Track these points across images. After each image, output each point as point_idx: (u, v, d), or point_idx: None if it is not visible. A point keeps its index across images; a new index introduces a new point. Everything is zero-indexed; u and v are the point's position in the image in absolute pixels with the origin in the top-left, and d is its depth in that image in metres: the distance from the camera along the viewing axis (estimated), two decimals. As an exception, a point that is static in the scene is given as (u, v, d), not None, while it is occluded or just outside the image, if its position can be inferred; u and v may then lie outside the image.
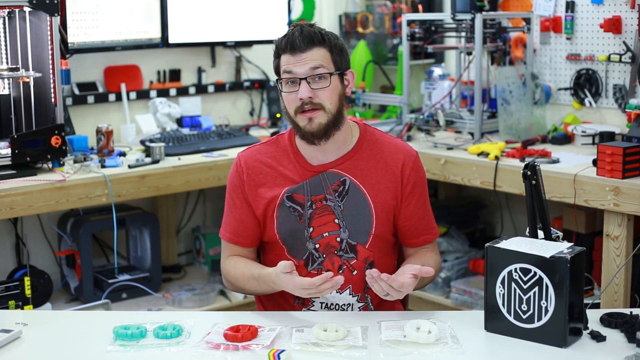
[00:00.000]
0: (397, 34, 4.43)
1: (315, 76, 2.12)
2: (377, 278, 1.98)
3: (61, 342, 1.97)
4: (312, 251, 2.21)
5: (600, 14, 3.61)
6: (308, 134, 2.14)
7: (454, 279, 3.86)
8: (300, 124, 2.15)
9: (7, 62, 3.29)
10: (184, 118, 4.10)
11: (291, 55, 2.12)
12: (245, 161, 2.26)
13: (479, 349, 1.91)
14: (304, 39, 2.11)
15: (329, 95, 2.13)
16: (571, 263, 1.83)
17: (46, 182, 3.11)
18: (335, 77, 2.15)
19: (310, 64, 2.11)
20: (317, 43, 2.12)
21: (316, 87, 2.12)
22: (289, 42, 2.12)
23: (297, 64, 2.11)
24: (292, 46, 2.11)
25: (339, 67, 2.16)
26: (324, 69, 2.12)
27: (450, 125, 3.66)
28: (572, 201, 3.00)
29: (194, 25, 4.09)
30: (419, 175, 2.26)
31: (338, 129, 2.18)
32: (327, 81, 2.13)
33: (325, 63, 2.13)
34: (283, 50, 2.14)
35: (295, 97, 2.13)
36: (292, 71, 2.12)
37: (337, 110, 2.16)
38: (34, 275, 3.35)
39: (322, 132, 2.14)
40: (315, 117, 2.12)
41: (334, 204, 2.20)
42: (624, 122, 3.46)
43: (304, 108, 2.12)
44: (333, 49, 2.15)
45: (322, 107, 2.13)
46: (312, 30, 2.13)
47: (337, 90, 2.16)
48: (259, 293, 2.24)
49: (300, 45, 2.11)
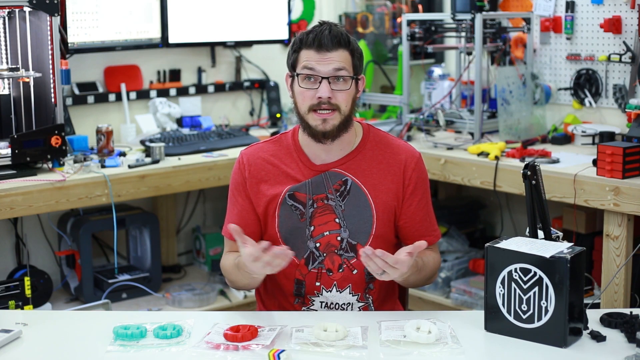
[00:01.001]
0: (397, 34, 4.43)
1: (336, 77, 2.12)
2: (372, 255, 1.94)
3: (61, 342, 1.97)
4: (312, 250, 2.21)
5: (600, 14, 3.61)
6: (319, 133, 2.14)
7: (454, 279, 3.86)
8: (311, 122, 2.14)
9: (7, 62, 3.29)
10: (184, 118, 4.09)
11: (316, 52, 2.11)
12: (248, 158, 2.27)
13: (479, 349, 1.91)
14: (332, 39, 2.10)
15: (346, 98, 2.14)
16: (571, 263, 1.83)
17: (46, 182, 3.11)
18: (353, 81, 2.16)
19: (334, 64, 2.11)
20: (343, 45, 2.12)
21: (336, 88, 2.12)
22: (317, 38, 2.11)
23: (322, 62, 2.11)
24: (319, 43, 2.10)
25: (357, 71, 2.17)
26: (346, 71, 2.12)
27: (450, 125, 3.66)
28: (572, 201, 3.00)
29: (194, 25, 4.09)
30: (421, 176, 2.26)
31: (346, 131, 2.19)
32: (347, 84, 2.13)
33: (347, 66, 2.13)
34: (308, 46, 2.12)
35: (312, 94, 2.12)
36: (314, 68, 2.11)
37: (349, 113, 2.17)
38: (34, 275, 3.35)
39: (334, 133, 2.15)
40: (330, 118, 2.13)
41: (335, 204, 2.20)
42: (624, 122, 3.46)
43: (320, 107, 2.12)
44: (355, 53, 2.16)
45: (338, 108, 2.13)
46: (340, 31, 2.13)
47: (352, 94, 2.16)
48: (246, 284, 2.20)
49: (328, 44, 2.10)
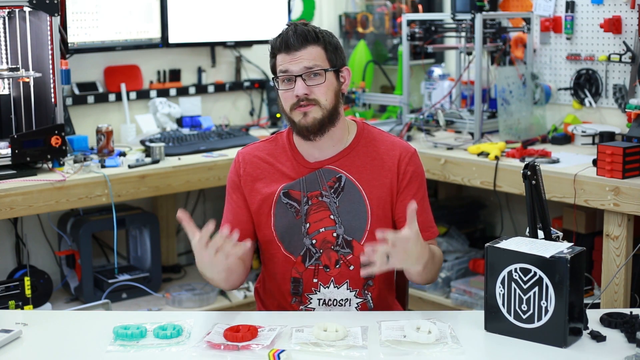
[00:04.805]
0: (397, 34, 4.43)
1: (310, 73, 2.14)
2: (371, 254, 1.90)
3: (61, 342, 1.97)
4: (309, 247, 2.22)
5: (600, 14, 3.61)
6: (303, 128, 2.16)
7: (454, 279, 3.86)
8: (295, 119, 2.17)
9: (7, 62, 3.29)
10: (184, 118, 4.10)
11: (286, 54, 2.15)
12: (244, 157, 2.30)
13: (479, 349, 1.91)
14: (298, 38, 2.14)
15: (324, 91, 2.16)
16: (571, 263, 1.82)
17: (46, 182, 3.11)
18: (331, 74, 2.17)
19: (304, 62, 2.14)
20: (311, 41, 2.15)
21: (311, 83, 2.15)
22: (284, 41, 2.15)
23: (293, 62, 2.14)
24: (286, 45, 2.14)
25: (334, 64, 2.19)
26: (319, 66, 2.15)
27: (450, 125, 3.66)
28: (572, 201, 3.00)
29: (194, 25, 4.09)
30: (416, 169, 2.26)
31: (333, 125, 2.20)
32: (322, 78, 2.15)
33: (319, 61, 2.16)
34: (278, 50, 2.17)
35: (291, 94, 2.16)
36: (287, 69, 2.15)
37: (332, 106, 2.18)
38: (34, 275, 3.35)
39: (316, 127, 2.16)
40: (310, 111, 2.15)
41: (330, 200, 2.21)
42: (624, 122, 3.46)
43: (300, 104, 2.15)
44: (328, 47, 2.18)
45: (317, 102, 2.15)
46: (306, 29, 2.16)
47: (332, 87, 2.18)
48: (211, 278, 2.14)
49: (295, 43, 2.14)
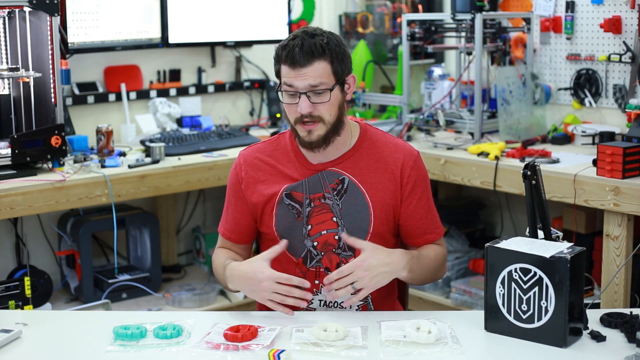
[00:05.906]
0: (397, 34, 4.43)
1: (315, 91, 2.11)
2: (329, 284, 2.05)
3: (61, 342, 1.97)
4: (310, 249, 2.21)
5: (600, 14, 3.61)
6: (307, 143, 2.16)
7: (454, 279, 3.86)
8: (300, 133, 2.16)
9: (7, 62, 3.29)
10: (184, 118, 4.10)
11: (291, 69, 2.10)
12: (245, 159, 2.28)
13: (479, 349, 1.91)
14: (304, 55, 2.08)
15: (328, 109, 2.13)
16: (571, 263, 1.82)
17: (46, 182, 3.11)
18: (336, 89, 2.14)
19: (310, 80, 2.09)
20: (317, 56, 2.09)
21: (316, 101, 2.11)
22: (290, 55, 2.09)
23: (297, 78, 2.10)
24: (292, 60, 2.09)
25: (340, 76, 2.14)
26: (324, 85, 2.11)
27: (450, 125, 3.66)
28: (572, 201, 3.00)
29: (194, 25, 4.09)
30: (419, 174, 2.25)
31: (338, 135, 2.19)
32: (327, 96, 2.12)
33: (325, 77, 2.11)
34: (284, 62, 2.12)
35: (295, 108, 2.13)
36: (292, 84, 2.11)
37: (336, 119, 2.16)
38: (34, 275, 3.35)
39: (321, 142, 2.15)
40: (315, 129, 2.13)
41: (332, 202, 2.20)
42: (624, 122, 3.46)
43: (303, 121, 2.13)
44: (334, 60, 2.12)
45: (321, 119, 2.13)
46: (313, 43, 2.09)
47: (337, 102, 2.15)
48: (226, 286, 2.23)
49: (300, 60, 2.08)
